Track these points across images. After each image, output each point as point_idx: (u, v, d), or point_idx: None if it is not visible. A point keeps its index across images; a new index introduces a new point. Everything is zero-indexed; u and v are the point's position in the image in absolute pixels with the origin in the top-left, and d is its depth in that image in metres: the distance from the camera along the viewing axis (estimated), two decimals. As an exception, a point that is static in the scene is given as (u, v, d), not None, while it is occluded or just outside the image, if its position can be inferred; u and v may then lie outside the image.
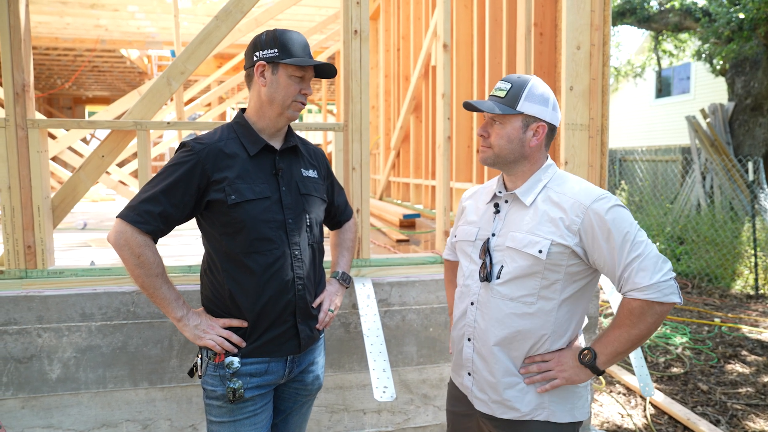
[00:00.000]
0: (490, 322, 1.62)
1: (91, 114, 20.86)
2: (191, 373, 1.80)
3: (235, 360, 1.68)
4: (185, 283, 2.57)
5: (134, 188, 6.43)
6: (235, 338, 1.69)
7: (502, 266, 1.61)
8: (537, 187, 1.63)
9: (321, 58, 9.34)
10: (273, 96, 1.71)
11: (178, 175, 1.63)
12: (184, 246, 3.64)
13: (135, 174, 11.07)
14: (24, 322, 2.42)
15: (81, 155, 7.23)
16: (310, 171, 1.87)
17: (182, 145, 1.70)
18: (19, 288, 2.45)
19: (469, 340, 1.69)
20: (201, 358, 1.76)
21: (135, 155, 9.97)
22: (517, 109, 1.60)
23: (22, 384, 2.45)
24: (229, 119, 12.09)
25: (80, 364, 2.49)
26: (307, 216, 1.79)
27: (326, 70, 1.76)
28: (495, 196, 1.72)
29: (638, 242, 1.50)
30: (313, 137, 19.23)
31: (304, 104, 1.76)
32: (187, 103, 7.17)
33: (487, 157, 1.66)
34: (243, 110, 1.81)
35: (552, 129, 1.66)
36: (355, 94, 2.66)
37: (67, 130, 5.58)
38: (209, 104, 9.44)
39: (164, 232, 1.68)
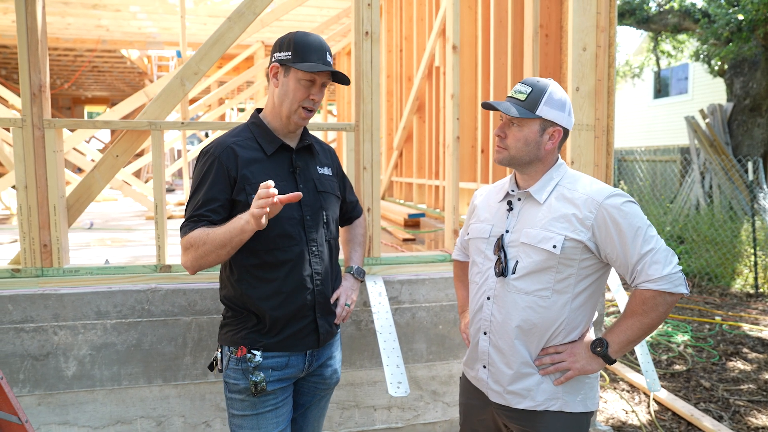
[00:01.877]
0: (507, 316, 1.67)
1: (90, 114, 20.83)
2: (211, 367, 1.83)
3: (257, 353, 1.71)
4: (191, 282, 2.60)
5: (137, 187, 6.45)
6: (270, 190, 1.52)
7: (517, 261, 1.66)
8: (550, 185, 1.68)
9: (322, 58, 9.38)
10: (282, 98, 1.73)
11: (212, 179, 1.68)
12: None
13: (138, 174, 11.09)
14: (40, 319, 2.45)
15: (83, 154, 7.24)
16: (325, 169, 1.90)
17: (202, 152, 1.75)
18: (35, 286, 2.48)
19: (485, 333, 1.73)
20: (221, 353, 1.79)
21: (137, 156, 9.99)
22: (537, 113, 1.64)
23: (39, 381, 2.47)
24: (227, 120, 12.10)
25: (95, 361, 2.52)
26: (324, 213, 1.83)
27: (339, 78, 1.75)
28: (508, 194, 1.76)
29: (649, 237, 1.57)
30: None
31: (312, 110, 1.76)
32: (190, 103, 7.20)
33: (503, 158, 1.71)
34: (259, 110, 1.84)
35: (566, 133, 1.71)
36: (366, 94, 2.70)
37: (71, 131, 5.60)
38: (209, 105, 9.46)
39: (223, 220, 1.65)
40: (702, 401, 3.79)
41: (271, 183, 1.52)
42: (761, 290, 6.62)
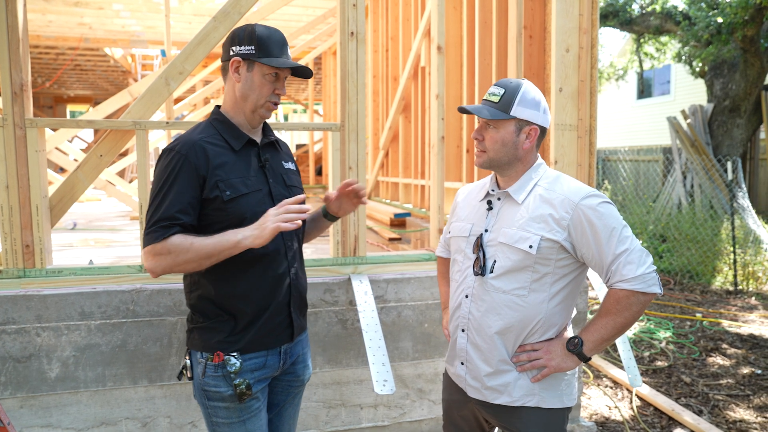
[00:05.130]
0: (486, 314, 1.70)
1: (72, 113, 20.54)
2: (179, 376, 1.76)
3: (236, 357, 1.66)
4: (176, 282, 2.59)
5: (121, 187, 6.39)
6: (300, 205, 1.58)
7: (495, 261, 1.68)
8: (528, 185, 1.71)
9: (308, 57, 9.37)
10: (246, 94, 1.69)
11: (181, 179, 1.59)
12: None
13: (122, 173, 10.96)
14: (22, 321, 2.43)
15: (66, 154, 7.15)
16: (290, 164, 1.89)
17: (166, 151, 1.64)
18: (17, 287, 2.45)
19: (463, 331, 1.76)
20: (192, 359, 1.71)
21: (121, 156, 9.88)
22: (511, 114, 1.67)
23: (21, 383, 2.45)
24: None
25: (79, 362, 2.50)
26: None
27: (302, 72, 1.73)
28: (488, 194, 1.79)
29: (624, 237, 1.60)
30: (299, 137, 19.19)
31: (277, 104, 1.75)
32: (175, 102, 7.14)
33: (483, 162, 1.73)
34: (218, 107, 1.79)
35: (543, 131, 1.73)
36: (352, 94, 2.71)
37: (54, 130, 5.53)
38: (195, 105, 9.40)
39: (191, 227, 1.61)
40: (683, 396, 3.86)
41: (302, 197, 1.57)
42: (740, 287, 6.75)
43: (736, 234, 7.02)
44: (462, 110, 1.73)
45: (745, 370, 4.28)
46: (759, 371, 4.25)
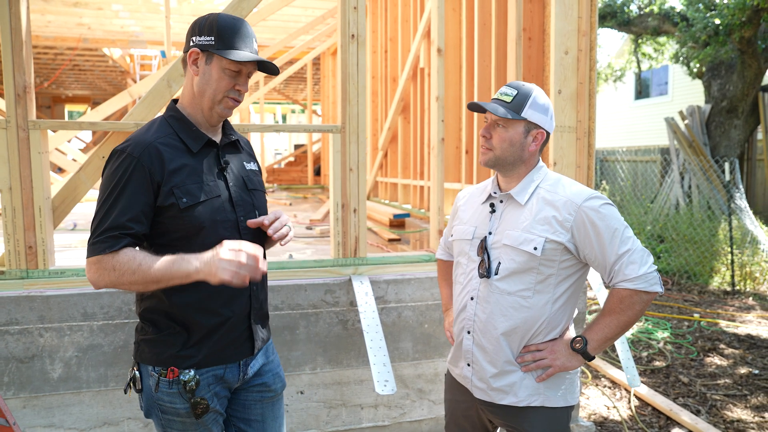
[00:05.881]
0: (491, 316, 1.72)
1: (71, 113, 20.52)
2: (126, 389, 1.65)
3: (191, 373, 1.55)
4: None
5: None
6: (259, 254, 1.44)
7: (500, 263, 1.70)
8: (530, 188, 1.73)
9: (307, 58, 9.39)
10: (203, 88, 1.56)
11: (133, 184, 1.47)
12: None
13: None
14: (25, 321, 2.44)
15: (65, 154, 7.16)
16: (252, 164, 1.76)
17: (116, 152, 1.51)
18: (20, 288, 2.46)
19: (468, 332, 1.78)
20: (141, 372, 1.60)
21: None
22: (522, 115, 1.69)
23: (24, 384, 2.46)
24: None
25: (82, 363, 2.51)
26: (257, 213, 1.68)
27: (268, 67, 1.59)
28: (490, 196, 1.81)
29: (626, 238, 1.63)
30: (298, 137, 19.21)
31: (238, 101, 1.61)
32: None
33: (489, 159, 1.75)
34: (175, 101, 1.65)
35: (548, 137, 1.77)
36: (352, 96, 2.73)
37: (54, 131, 5.53)
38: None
39: (143, 237, 1.50)
40: (681, 396, 3.89)
41: (260, 254, 1.42)
42: (738, 288, 6.79)
43: (733, 235, 7.05)
44: (473, 106, 1.74)
45: (743, 370, 4.31)
46: (756, 371, 4.28)
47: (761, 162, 11.00)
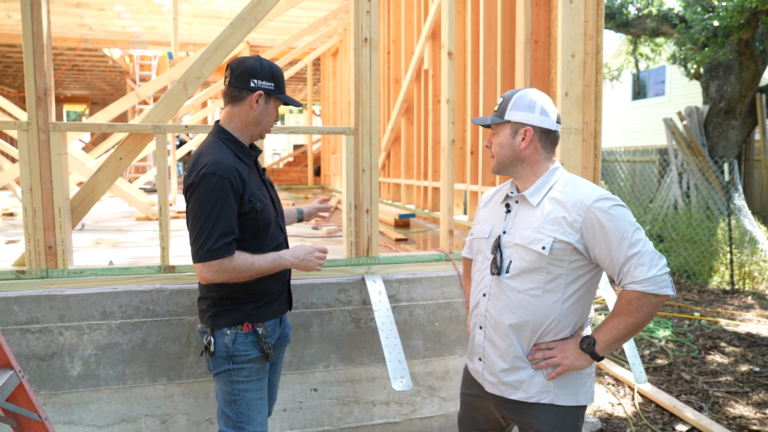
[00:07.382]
0: (502, 312, 1.77)
1: (69, 113, 20.47)
2: (203, 353, 2.03)
3: (260, 326, 2.02)
4: (195, 282, 2.64)
5: (124, 187, 6.41)
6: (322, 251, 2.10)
7: (511, 261, 1.76)
8: (544, 189, 1.79)
9: (308, 59, 9.43)
10: (260, 120, 2.00)
11: (230, 200, 1.86)
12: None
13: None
14: (46, 320, 2.48)
15: (74, 157, 7.16)
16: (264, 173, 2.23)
17: (208, 175, 1.84)
18: (41, 287, 2.50)
19: (480, 328, 1.84)
20: (215, 336, 1.99)
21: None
22: (505, 118, 1.80)
23: (44, 381, 2.50)
24: (210, 121, 12.02)
25: (100, 361, 2.55)
26: (281, 206, 2.24)
27: (297, 105, 2.11)
28: (507, 196, 1.88)
29: (636, 239, 1.65)
30: (296, 137, 19.21)
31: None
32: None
33: (493, 166, 1.89)
34: (220, 125, 2.02)
35: (544, 132, 1.80)
36: (365, 99, 2.78)
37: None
38: (194, 107, 9.43)
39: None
40: (683, 393, 3.95)
41: (328, 249, 2.04)
42: (737, 287, 6.87)
43: (732, 234, 7.13)
44: (473, 122, 1.91)
45: (744, 368, 4.38)
46: (757, 369, 4.35)
47: (758, 162, 11.10)
